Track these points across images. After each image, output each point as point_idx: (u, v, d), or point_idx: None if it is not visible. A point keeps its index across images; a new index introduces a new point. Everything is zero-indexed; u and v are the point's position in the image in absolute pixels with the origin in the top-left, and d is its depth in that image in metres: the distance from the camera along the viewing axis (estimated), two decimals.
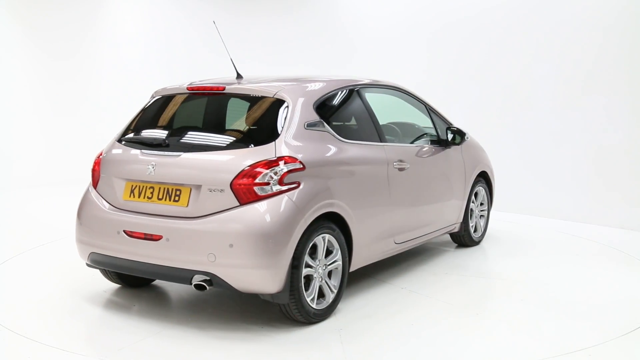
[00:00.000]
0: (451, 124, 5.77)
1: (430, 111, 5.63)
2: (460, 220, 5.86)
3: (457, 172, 5.72)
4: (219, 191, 3.86)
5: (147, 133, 4.50)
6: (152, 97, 4.74)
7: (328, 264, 4.21)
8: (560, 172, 7.64)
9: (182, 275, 3.90)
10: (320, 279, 4.14)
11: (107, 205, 4.30)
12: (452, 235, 6.08)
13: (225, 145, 4.11)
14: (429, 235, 5.46)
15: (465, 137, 5.74)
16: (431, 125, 5.64)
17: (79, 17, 10.43)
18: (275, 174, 3.87)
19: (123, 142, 4.47)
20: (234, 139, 4.17)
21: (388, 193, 4.75)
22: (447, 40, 8.59)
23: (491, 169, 6.33)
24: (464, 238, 6.03)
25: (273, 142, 3.99)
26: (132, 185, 4.20)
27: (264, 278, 3.79)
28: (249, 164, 3.87)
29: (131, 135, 4.52)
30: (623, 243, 6.42)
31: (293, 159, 3.97)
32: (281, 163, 3.92)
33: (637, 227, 6.95)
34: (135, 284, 4.84)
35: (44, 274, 5.28)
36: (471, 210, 6.01)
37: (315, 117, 4.31)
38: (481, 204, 6.22)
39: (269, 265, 3.76)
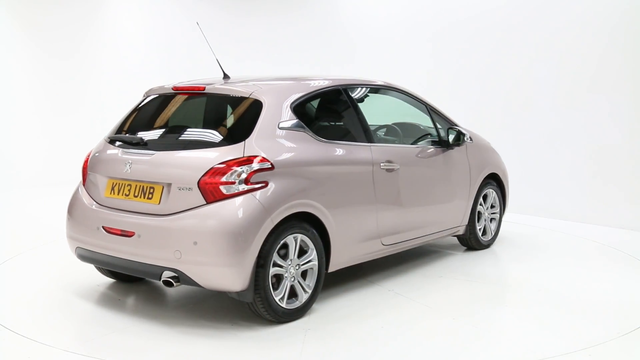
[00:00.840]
0: (455, 124, 5.63)
1: (431, 111, 5.51)
2: (465, 222, 5.75)
3: (460, 174, 5.60)
4: (188, 189, 3.92)
5: (130, 132, 4.59)
6: (144, 96, 4.84)
7: (302, 263, 4.19)
8: (561, 172, 7.62)
9: (152, 272, 3.99)
10: (292, 279, 4.13)
11: (91, 202, 4.43)
12: (459, 238, 5.96)
13: (196, 144, 4.16)
14: (427, 238, 5.37)
15: (465, 138, 5.54)
16: (433, 126, 5.54)
17: (79, 16, 10.43)
18: (241, 173, 3.90)
19: (109, 141, 4.59)
20: (207, 138, 4.20)
21: (373, 194, 4.69)
22: (448, 40, 8.56)
23: (504, 171, 6.16)
24: (470, 241, 5.90)
25: (243, 142, 4.02)
26: (113, 183, 4.31)
27: (227, 276, 3.82)
28: (216, 163, 3.92)
29: (117, 134, 4.62)
30: (623, 243, 6.38)
31: (261, 159, 3.99)
32: (250, 162, 3.94)
33: (637, 227, 6.92)
34: (128, 279, 4.91)
35: (43, 273, 5.30)
36: (479, 212, 5.89)
37: (291, 117, 4.31)
38: (492, 206, 6.09)
39: (232, 264, 3.79)
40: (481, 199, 5.90)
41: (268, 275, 3.94)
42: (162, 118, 4.63)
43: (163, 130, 4.54)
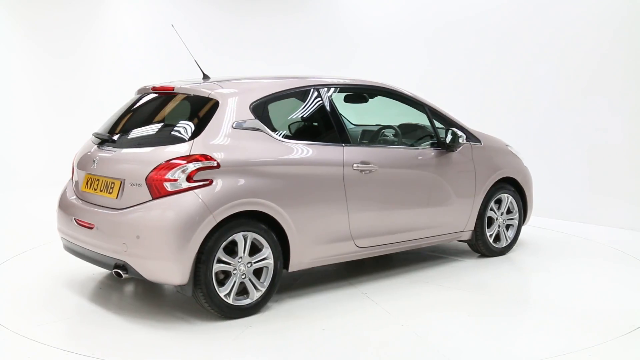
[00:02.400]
0: (455, 125, 5.41)
1: (428, 112, 5.31)
2: (471, 228, 5.52)
3: (462, 177, 5.37)
4: (138, 185, 4.08)
5: (112, 129, 4.74)
6: (135, 95, 4.99)
7: (254, 261, 4.20)
8: (561, 172, 7.61)
9: (107, 262, 4.19)
10: (242, 276, 4.15)
11: (72, 195, 4.69)
12: (468, 244, 5.74)
13: (152, 142, 4.34)
14: (418, 242, 5.20)
15: (461, 140, 5.25)
16: (438, 127, 5.36)
17: (79, 15, 10.47)
18: (184, 170, 3.98)
19: (92, 138, 4.80)
20: (162, 136, 4.36)
21: (344, 195, 4.61)
22: (449, 39, 8.51)
23: (524, 175, 5.89)
24: (479, 247, 5.66)
25: (192, 140, 4.10)
26: (88, 178, 4.53)
27: (166, 270, 3.95)
28: (163, 160, 4.04)
29: (99, 131, 4.79)
30: (623, 243, 6.34)
31: (206, 157, 4.04)
32: (194, 160, 4.02)
33: (637, 227, 6.90)
34: None
35: (43, 273, 5.31)
36: (490, 218, 5.66)
37: (248, 117, 4.33)
38: (509, 211, 5.86)
39: (170, 258, 3.91)
40: (493, 204, 5.68)
41: (210, 271, 4.00)
42: (136, 116, 4.77)
43: (132, 128, 4.68)
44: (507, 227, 5.88)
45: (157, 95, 4.76)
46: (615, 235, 6.70)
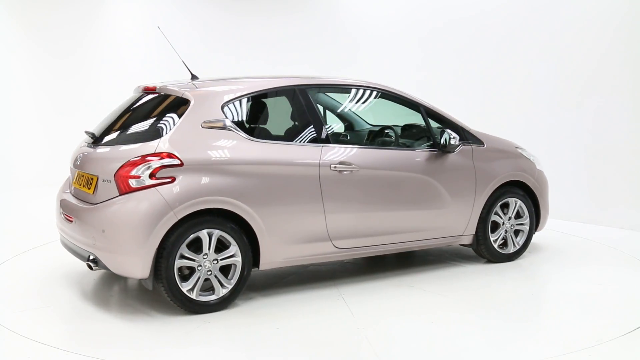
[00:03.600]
0: (458, 127, 5.28)
1: (424, 112, 5.18)
2: (472, 232, 5.34)
3: (459, 179, 5.19)
4: (108, 181, 4.22)
5: (95, 127, 4.86)
6: (133, 93, 5.07)
7: (220, 259, 4.24)
8: (561, 172, 7.61)
9: (83, 254, 4.35)
10: (208, 272, 4.21)
11: (66, 190, 4.89)
12: (472, 248, 5.55)
13: (125, 140, 4.44)
14: (407, 244, 5.06)
15: (453, 141, 5.07)
16: (437, 127, 5.25)
17: (79, 16, 10.50)
18: (148, 168, 4.09)
19: (85, 136, 4.90)
20: (136, 134, 4.44)
21: (319, 195, 4.57)
22: (449, 39, 8.51)
23: (536, 179, 5.63)
24: (482, 252, 5.45)
25: (159, 139, 4.20)
26: (77, 174, 4.68)
27: (127, 263, 4.09)
28: (130, 158, 4.16)
29: (89, 129, 4.89)
30: (623, 243, 6.31)
31: (169, 155, 4.13)
32: (155, 158, 4.11)
33: (637, 227, 6.88)
34: None
35: (43, 273, 5.32)
36: (495, 222, 5.47)
37: (219, 116, 4.38)
38: (519, 216, 5.61)
39: (130, 252, 4.04)
40: (498, 208, 5.47)
41: (172, 266, 4.09)
42: (121, 115, 4.82)
43: (115, 126, 4.73)
44: (517, 232, 5.65)
45: (145, 95, 4.85)
46: (615, 235, 6.67)
